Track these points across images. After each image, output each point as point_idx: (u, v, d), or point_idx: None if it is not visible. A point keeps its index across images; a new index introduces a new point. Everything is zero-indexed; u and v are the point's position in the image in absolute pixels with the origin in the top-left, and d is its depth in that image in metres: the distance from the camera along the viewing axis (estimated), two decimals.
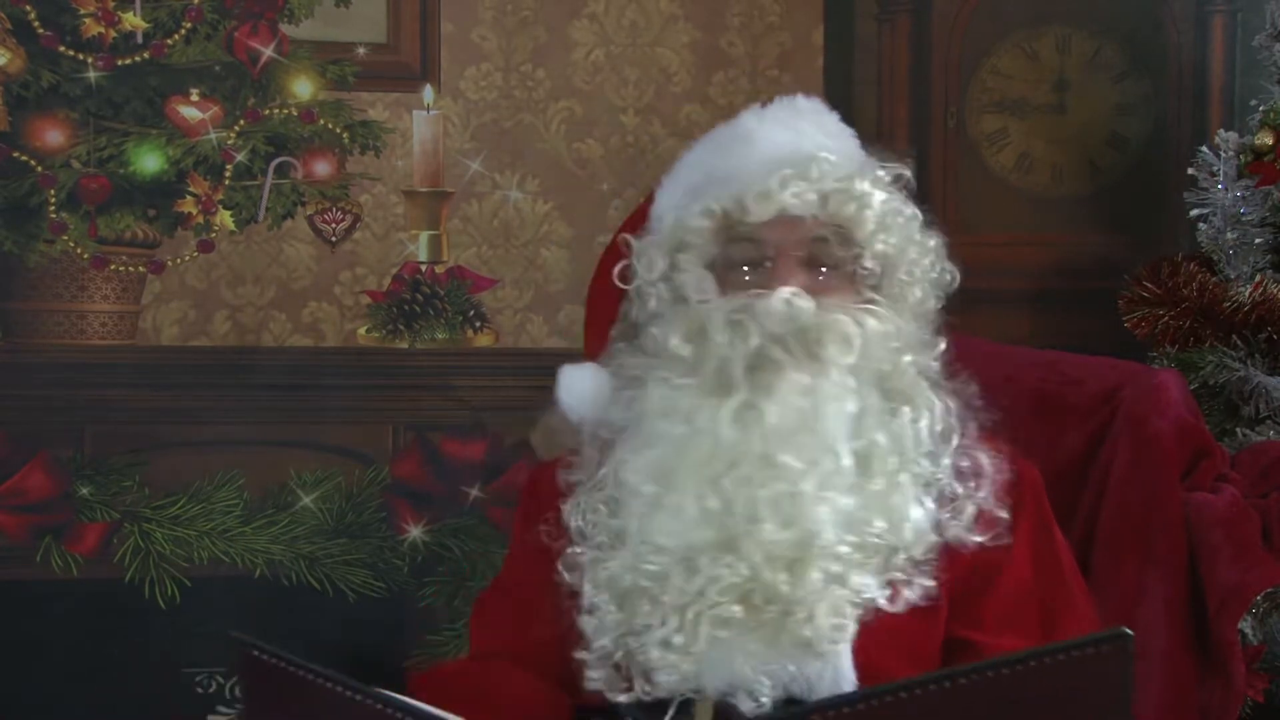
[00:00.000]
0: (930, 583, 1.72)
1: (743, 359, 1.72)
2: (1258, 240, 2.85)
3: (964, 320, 1.86)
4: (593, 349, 1.91)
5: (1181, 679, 2.13)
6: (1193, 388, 2.47)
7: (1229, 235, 2.84)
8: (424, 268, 3.16)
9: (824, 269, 1.78)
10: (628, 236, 1.85)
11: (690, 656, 1.68)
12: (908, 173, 1.85)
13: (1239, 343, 2.79)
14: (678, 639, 1.68)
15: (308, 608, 3.11)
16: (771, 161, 1.78)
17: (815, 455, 1.70)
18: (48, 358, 3.07)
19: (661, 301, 1.81)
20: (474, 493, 3.16)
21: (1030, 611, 1.82)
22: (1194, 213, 2.89)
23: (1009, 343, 2.44)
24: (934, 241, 1.84)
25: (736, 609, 1.67)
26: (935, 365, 1.81)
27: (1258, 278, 2.82)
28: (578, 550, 1.76)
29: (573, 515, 1.78)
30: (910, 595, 1.71)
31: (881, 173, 1.83)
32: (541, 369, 3.18)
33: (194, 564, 3.10)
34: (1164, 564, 2.14)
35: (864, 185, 1.78)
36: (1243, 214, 2.84)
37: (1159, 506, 2.14)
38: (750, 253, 1.78)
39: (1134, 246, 3.24)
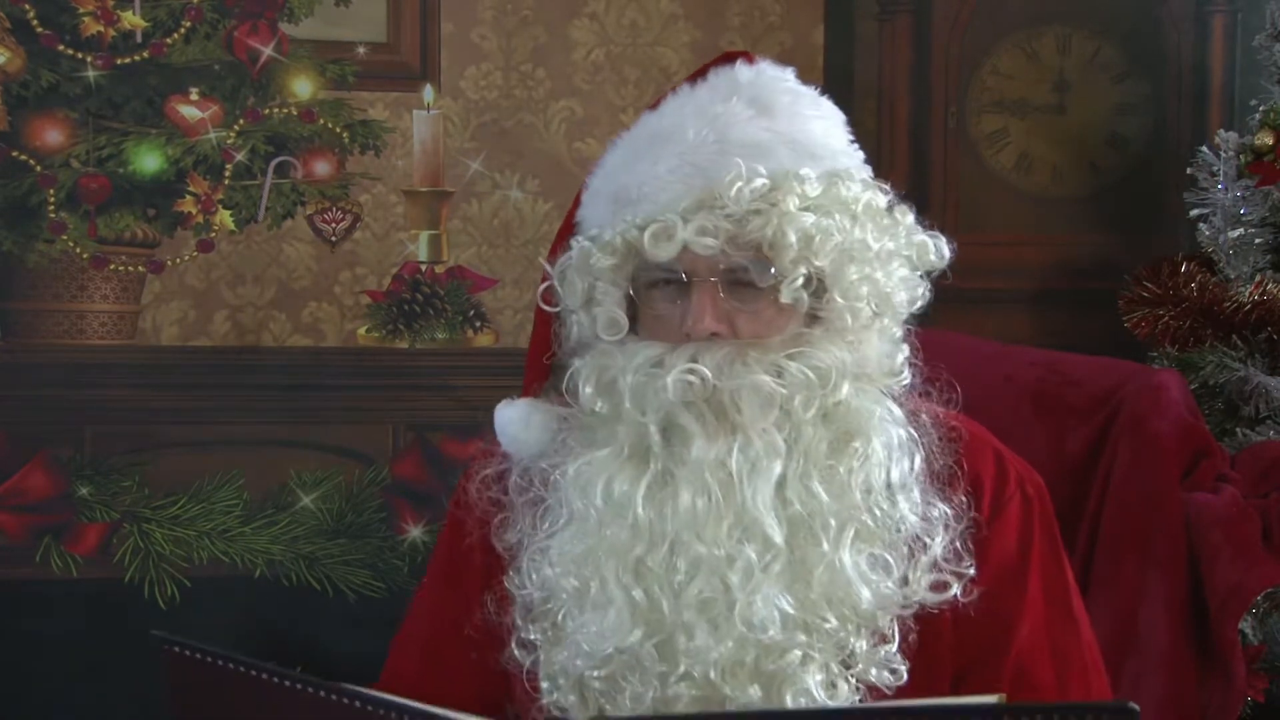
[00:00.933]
0: (900, 666, 1.57)
1: (656, 424, 1.58)
2: (1258, 240, 2.85)
3: (964, 320, 1.84)
4: (530, 379, 1.74)
5: (1181, 679, 2.13)
6: (1193, 388, 2.47)
7: (1229, 235, 2.84)
8: (424, 268, 3.16)
9: (748, 286, 1.59)
10: (544, 263, 1.68)
11: None
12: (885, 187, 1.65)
13: (1239, 343, 2.79)
14: None
15: (308, 608, 3.11)
16: (682, 178, 1.59)
17: (737, 540, 1.55)
18: (48, 358, 3.07)
19: (584, 329, 1.66)
20: None
21: (1044, 659, 1.68)
22: (1194, 213, 2.90)
23: (1009, 343, 2.44)
24: (895, 244, 1.63)
25: None
26: (897, 384, 1.64)
27: (1258, 278, 2.82)
28: (523, 628, 1.63)
29: (513, 585, 1.64)
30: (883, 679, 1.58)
31: (839, 164, 1.63)
32: None
33: (194, 564, 3.09)
34: (1164, 564, 2.14)
35: (789, 203, 1.57)
36: (1243, 214, 2.84)
37: (1159, 506, 2.14)
38: (664, 275, 1.60)
39: (1134, 246, 3.24)
